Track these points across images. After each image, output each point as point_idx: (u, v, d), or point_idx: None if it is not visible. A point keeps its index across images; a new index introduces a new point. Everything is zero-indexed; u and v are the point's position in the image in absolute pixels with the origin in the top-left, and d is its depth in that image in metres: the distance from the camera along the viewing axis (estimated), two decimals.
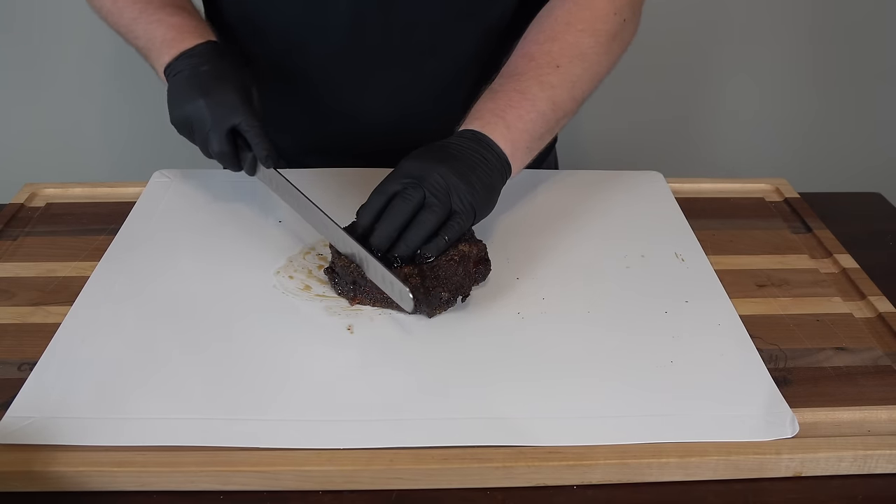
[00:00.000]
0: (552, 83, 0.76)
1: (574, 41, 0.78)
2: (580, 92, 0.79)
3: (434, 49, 0.87)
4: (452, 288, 0.68)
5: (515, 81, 0.77)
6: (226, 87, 0.75)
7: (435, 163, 0.69)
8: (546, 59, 0.77)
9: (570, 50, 0.78)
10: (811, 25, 1.69)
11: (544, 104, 0.76)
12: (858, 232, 0.85)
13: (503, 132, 0.73)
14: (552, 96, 0.76)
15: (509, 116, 0.74)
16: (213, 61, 0.77)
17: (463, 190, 0.69)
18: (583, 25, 0.79)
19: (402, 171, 0.70)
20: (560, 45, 0.78)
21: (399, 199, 0.69)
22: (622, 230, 0.82)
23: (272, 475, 0.55)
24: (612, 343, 0.66)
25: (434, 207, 0.68)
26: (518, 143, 0.74)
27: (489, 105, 0.75)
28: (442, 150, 0.72)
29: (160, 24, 0.79)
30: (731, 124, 1.79)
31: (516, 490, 0.56)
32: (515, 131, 0.74)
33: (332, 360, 0.64)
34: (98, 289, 0.72)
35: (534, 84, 0.76)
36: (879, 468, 0.58)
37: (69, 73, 1.64)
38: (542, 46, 0.78)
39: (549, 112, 0.76)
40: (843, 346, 0.68)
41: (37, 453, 0.55)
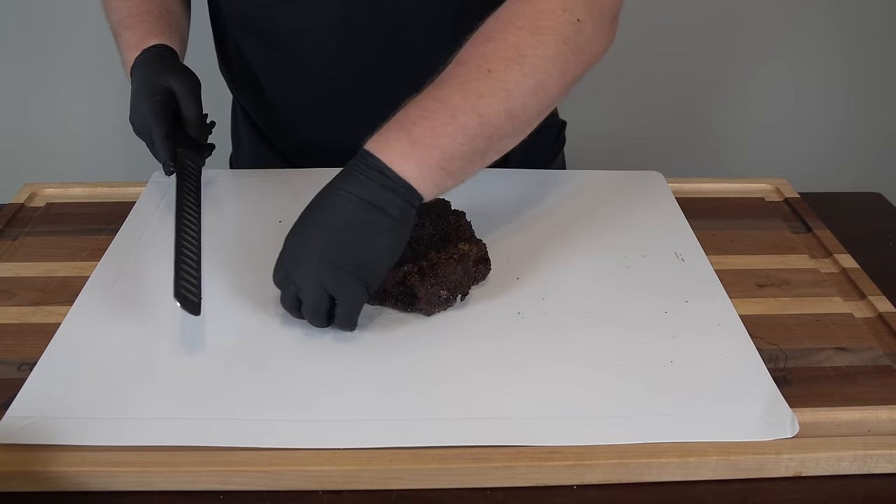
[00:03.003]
0: (479, 91, 0.64)
1: (513, 41, 0.65)
2: (519, 105, 0.65)
3: (422, 49, 0.87)
4: (451, 287, 0.68)
5: (437, 89, 0.65)
6: (136, 104, 0.80)
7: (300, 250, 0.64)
8: (477, 63, 0.65)
9: (507, 51, 0.65)
10: (811, 26, 1.69)
11: (466, 116, 0.63)
12: (858, 232, 0.85)
13: (405, 150, 0.63)
14: (477, 107, 0.64)
15: (417, 130, 0.63)
16: (137, 77, 0.82)
17: (337, 273, 0.62)
18: (523, 22, 0.66)
19: (279, 264, 0.66)
20: (495, 45, 0.66)
21: (283, 300, 0.66)
22: (622, 230, 0.82)
23: (272, 475, 0.55)
24: (613, 343, 0.66)
25: (309, 309, 0.64)
26: (427, 162, 0.63)
27: (400, 116, 0.65)
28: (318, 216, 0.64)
29: (120, 41, 0.86)
30: (732, 124, 1.80)
31: (516, 490, 0.56)
32: (423, 148, 0.62)
33: (332, 359, 0.64)
34: (98, 289, 0.72)
35: (456, 92, 0.64)
36: (879, 468, 0.58)
37: (69, 73, 1.64)
38: (476, 49, 0.66)
39: (472, 126, 0.63)
40: (843, 346, 0.68)
41: (37, 453, 0.55)
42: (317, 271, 0.62)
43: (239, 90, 0.98)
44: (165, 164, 0.79)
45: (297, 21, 0.85)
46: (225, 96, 1.02)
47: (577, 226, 0.82)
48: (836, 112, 1.80)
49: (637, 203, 0.87)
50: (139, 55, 0.82)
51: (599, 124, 1.64)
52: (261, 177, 0.93)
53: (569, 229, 0.82)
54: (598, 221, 0.83)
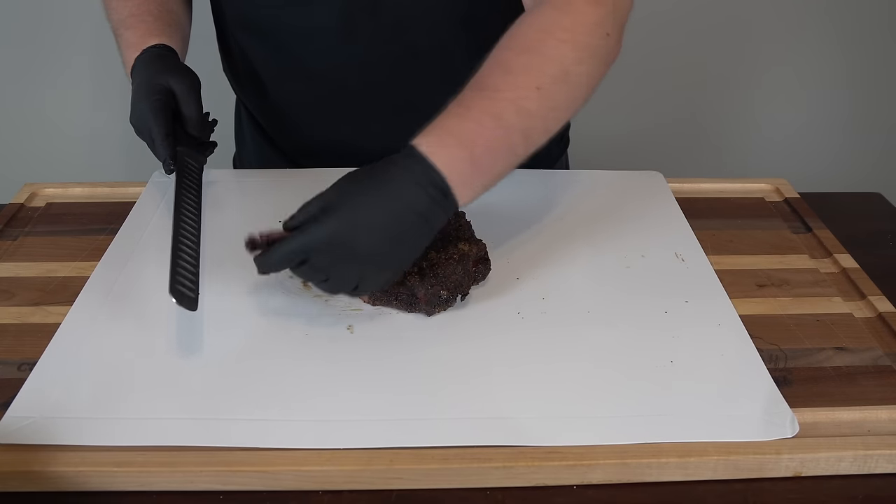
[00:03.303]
0: (530, 111, 0.65)
1: (555, 54, 0.66)
2: (555, 123, 0.67)
3: (425, 51, 0.87)
4: (451, 287, 0.68)
5: (489, 101, 0.64)
6: (136, 104, 0.80)
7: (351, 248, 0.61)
8: (525, 77, 0.65)
9: (552, 67, 0.66)
10: (811, 27, 1.69)
11: (517, 136, 0.65)
12: (858, 232, 0.85)
13: (465, 173, 0.62)
14: (527, 127, 0.65)
15: (478, 151, 0.63)
16: (137, 77, 0.81)
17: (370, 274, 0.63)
18: (565, 35, 0.67)
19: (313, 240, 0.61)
20: (541, 60, 0.66)
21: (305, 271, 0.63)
22: (622, 230, 0.82)
23: (272, 475, 0.55)
24: (612, 343, 0.66)
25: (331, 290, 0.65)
26: (477, 179, 0.64)
27: (455, 126, 0.64)
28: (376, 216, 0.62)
29: (120, 43, 0.86)
30: (732, 124, 1.80)
31: (516, 490, 0.56)
32: (479, 174, 0.64)
33: (332, 359, 0.64)
34: (98, 289, 0.72)
35: (511, 110, 0.64)
36: (879, 468, 0.58)
37: (69, 73, 1.64)
38: (518, 57, 0.66)
39: (519, 145, 0.65)
40: (843, 346, 0.68)
41: (36, 453, 0.55)
42: (351, 263, 0.62)
43: (243, 90, 0.98)
44: (165, 163, 0.79)
45: (300, 22, 0.85)
46: (228, 96, 1.03)
47: (577, 226, 0.82)
48: (837, 112, 1.80)
49: (637, 203, 0.87)
50: (139, 55, 0.82)
51: (599, 124, 1.64)
52: (263, 177, 0.93)
53: (569, 229, 0.81)
54: (598, 221, 0.83)
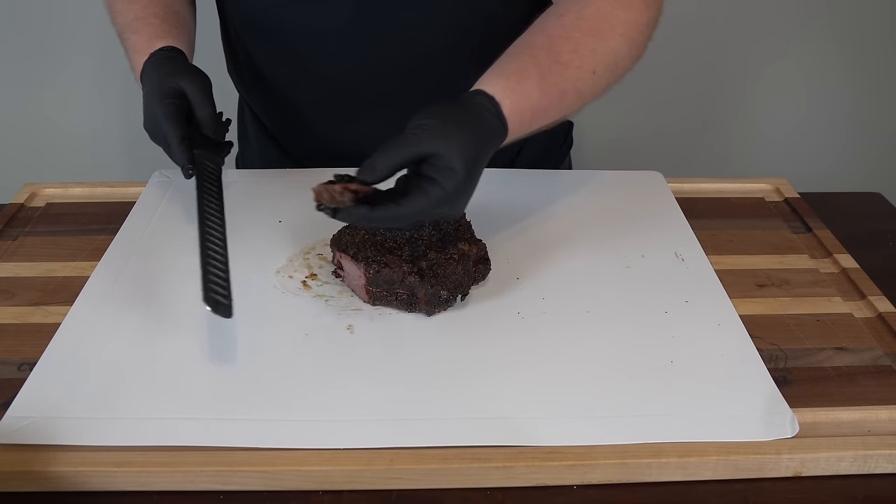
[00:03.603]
0: (583, 92, 0.72)
1: (614, 46, 0.73)
2: (588, 102, 0.75)
3: (434, 56, 0.87)
4: (451, 287, 0.68)
5: (559, 76, 0.70)
6: (150, 108, 0.78)
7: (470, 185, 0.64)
8: (588, 61, 0.72)
9: (609, 57, 0.73)
10: (811, 26, 1.69)
11: (564, 110, 0.72)
12: (858, 232, 0.85)
13: (519, 128, 0.68)
14: (569, 107, 0.73)
15: (535, 118, 0.69)
16: (148, 82, 0.80)
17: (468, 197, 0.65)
18: (623, 29, 0.74)
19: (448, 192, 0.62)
20: (603, 47, 0.73)
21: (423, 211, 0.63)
22: (622, 230, 0.82)
23: (272, 475, 0.55)
24: (612, 343, 0.66)
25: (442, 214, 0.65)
26: (518, 135, 0.69)
27: (528, 89, 0.68)
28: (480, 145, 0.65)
29: (128, 45, 0.85)
30: (732, 124, 1.79)
31: (516, 490, 0.56)
32: (528, 130, 0.70)
33: (332, 359, 0.64)
34: (98, 289, 0.72)
35: (571, 91, 0.71)
36: (879, 468, 0.58)
37: (69, 73, 1.64)
38: (586, 39, 0.72)
39: (559, 115, 0.73)
40: (843, 346, 0.68)
41: (37, 453, 0.55)
42: (463, 202, 0.64)
43: (247, 91, 0.98)
44: (184, 168, 0.77)
45: (306, 23, 0.85)
46: (232, 96, 1.02)
47: (577, 226, 0.82)
48: (837, 112, 1.79)
49: (637, 203, 0.87)
50: (148, 59, 0.81)
51: (602, 126, 1.64)
52: (267, 177, 0.93)
53: (569, 229, 0.81)
54: (598, 221, 0.83)
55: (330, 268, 0.74)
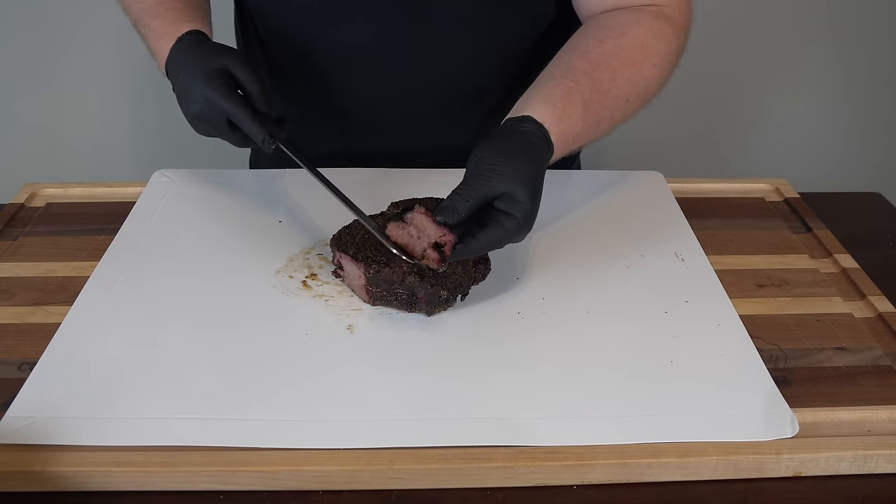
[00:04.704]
0: (615, 118, 0.75)
1: (647, 76, 0.76)
2: (619, 124, 0.77)
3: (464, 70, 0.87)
4: (451, 287, 0.68)
5: (598, 105, 0.73)
6: (204, 91, 0.74)
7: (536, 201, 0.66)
8: (623, 90, 0.75)
9: (640, 86, 0.76)
10: (811, 27, 1.69)
11: (592, 136, 0.74)
12: (858, 232, 0.85)
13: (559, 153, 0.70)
14: (602, 132, 0.75)
15: (573, 143, 0.72)
16: (185, 64, 0.76)
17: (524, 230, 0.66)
18: (657, 60, 0.77)
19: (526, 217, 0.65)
20: (638, 77, 0.76)
21: (503, 237, 0.65)
22: (622, 230, 0.82)
23: (272, 475, 0.55)
24: (612, 343, 0.66)
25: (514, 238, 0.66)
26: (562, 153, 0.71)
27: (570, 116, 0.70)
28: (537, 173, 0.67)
29: (149, 31, 0.82)
30: (732, 125, 1.79)
31: (516, 490, 0.56)
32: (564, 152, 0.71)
33: (332, 359, 0.64)
34: (98, 289, 0.72)
35: (606, 118, 0.74)
36: (879, 468, 0.58)
37: (69, 74, 1.64)
38: (623, 68, 0.75)
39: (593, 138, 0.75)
40: (843, 346, 0.68)
41: (37, 453, 0.55)
42: (530, 228, 0.66)
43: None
44: (265, 141, 0.74)
45: (335, 42, 0.85)
46: None
47: (577, 225, 0.82)
48: (837, 112, 1.79)
49: (637, 203, 0.87)
50: (176, 44, 0.78)
51: None
52: (267, 177, 0.93)
53: (569, 229, 0.81)
54: (598, 221, 0.83)
55: (330, 268, 0.74)
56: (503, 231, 0.65)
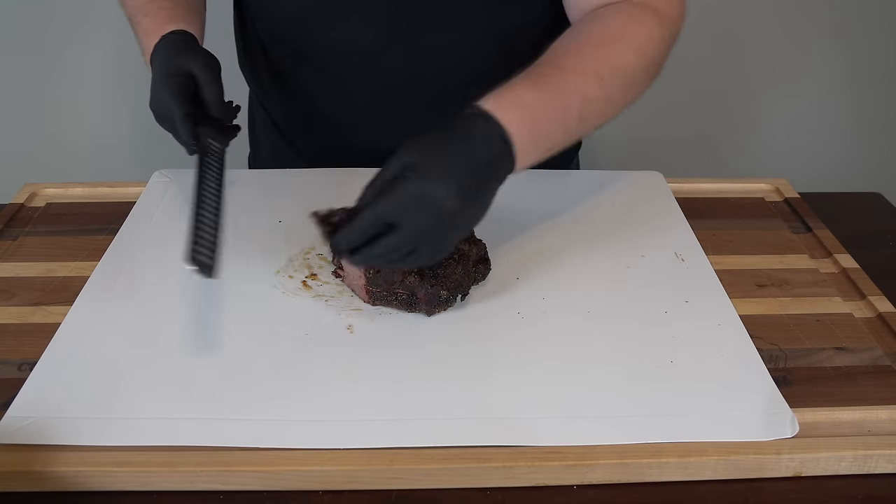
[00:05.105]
0: (590, 98, 0.70)
1: (622, 56, 0.73)
2: (609, 114, 0.73)
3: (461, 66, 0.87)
4: (451, 287, 0.68)
5: (561, 81, 0.69)
6: (156, 88, 0.79)
7: (440, 203, 0.60)
8: (593, 66, 0.71)
9: (614, 63, 0.72)
10: (811, 27, 1.69)
11: (575, 120, 0.69)
12: (858, 232, 0.85)
13: (528, 143, 0.65)
14: (584, 112, 0.70)
15: (542, 129, 0.67)
16: (159, 63, 0.80)
17: (459, 233, 0.64)
18: (635, 43, 0.74)
19: (400, 201, 0.60)
20: (610, 55, 0.72)
21: (388, 244, 0.61)
22: (622, 230, 0.82)
23: (272, 475, 0.55)
24: (612, 343, 0.66)
25: (421, 258, 0.63)
26: (534, 156, 0.67)
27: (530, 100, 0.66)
28: (457, 165, 0.62)
29: (139, 29, 0.85)
30: (732, 124, 1.79)
31: (516, 490, 0.56)
32: (539, 146, 0.67)
33: (332, 359, 0.64)
34: (98, 289, 0.72)
35: (577, 97, 0.69)
36: (879, 468, 0.58)
37: (69, 74, 1.64)
38: (593, 48, 0.72)
39: (574, 128, 0.70)
40: (843, 346, 0.68)
41: (37, 453, 0.55)
42: (459, 230, 0.63)
43: (265, 94, 0.98)
44: (187, 144, 0.76)
45: (333, 39, 0.85)
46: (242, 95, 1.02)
47: (576, 225, 0.82)
48: (837, 112, 1.79)
49: (637, 203, 0.87)
50: (158, 42, 0.81)
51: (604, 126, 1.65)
52: (267, 176, 0.93)
53: (569, 229, 0.81)
54: (598, 221, 0.83)
55: (330, 268, 0.74)
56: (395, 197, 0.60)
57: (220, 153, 0.79)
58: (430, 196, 0.60)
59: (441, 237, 0.62)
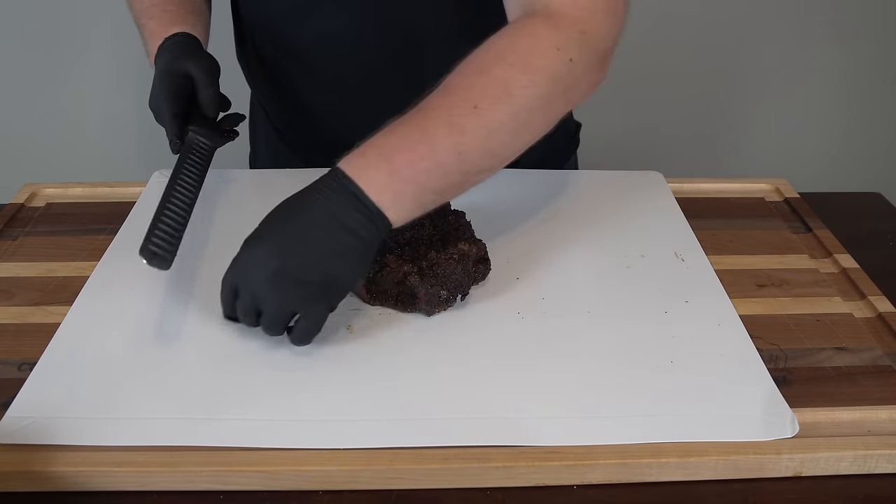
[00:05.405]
0: (463, 127, 0.63)
1: (502, 77, 0.64)
2: (499, 145, 0.64)
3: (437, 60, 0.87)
4: (451, 287, 0.68)
5: (422, 117, 0.64)
6: (155, 85, 0.80)
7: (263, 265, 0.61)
8: (464, 96, 0.64)
9: (495, 89, 0.64)
10: (811, 26, 1.69)
11: (445, 153, 0.62)
12: (858, 232, 0.85)
13: (383, 180, 0.61)
14: (459, 144, 0.62)
15: (397, 161, 0.62)
16: (160, 64, 0.81)
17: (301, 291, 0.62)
18: (515, 59, 0.64)
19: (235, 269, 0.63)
20: (485, 81, 0.64)
21: (238, 309, 0.64)
22: (622, 230, 0.82)
23: (272, 475, 0.55)
24: (612, 343, 0.66)
25: (270, 326, 0.63)
26: (403, 195, 0.62)
27: (381, 141, 0.63)
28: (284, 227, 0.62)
29: (144, 31, 0.86)
30: (732, 124, 1.79)
31: (516, 490, 0.56)
32: (400, 181, 0.62)
33: (332, 359, 0.64)
34: (98, 289, 0.72)
35: (441, 126, 0.63)
36: (879, 468, 0.58)
37: (70, 73, 1.64)
38: (465, 79, 0.65)
39: (450, 163, 0.63)
40: (843, 346, 0.68)
41: (37, 453, 0.55)
42: (283, 286, 0.61)
43: (257, 87, 1.00)
44: (171, 142, 0.78)
45: (312, 29, 0.85)
46: (243, 99, 1.02)
47: (577, 226, 0.82)
48: (837, 112, 1.79)
49: (637, 203, 0.87)
50: (162, 43, 0.83)
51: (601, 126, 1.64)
52: (267, 176, 0.93)
53: (569, 229, 0.81)
54: (598, 221, 0.83)
55: None
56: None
57: (207, 152, 0.80)
58: (251, 256, 0.62)
59: (276, 295, 0.61)
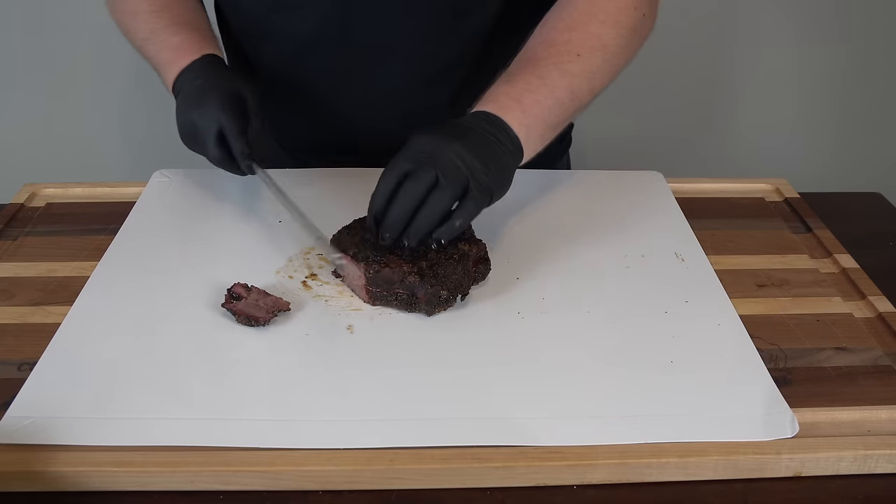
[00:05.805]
0: (572, 71, 0.75)
1: (596, 32, 0.77)
2: (598, 83, 0.77)
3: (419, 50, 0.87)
4: (451, 287, 0.68)
5: (534, 66, 0.75)
6: (210, 96, 0.76)
7: (448, 139, 0.67)
8: (566, 48, 0.76)
9: (592, 40, 0.77)
10: (811, 26, 1.69)
11: (563, 92, 0.74)
12: (858, 232, 0.85)
13: (518, 116, 0.71)
14: (571, 84, 0.74)
15: (526, 101, 0.72)
16: (205, 75, 0.79)
17: (479, 169, 0.67)
18: (604, 17, 0.78)
19: (412, 149, 0.68)
20: (581, 35, 0.77)
21: (410, 181, 0.66)
22: (622, 230, 0.82)
23: (272, 475, 0.55)
24: (612, 343, 0.66)
25: (447, 188, 0.65)
26: (532, 129, 0.72)
27: (505, 88, 0.73)
28: (455, 127, 0.70)
29: (163, 46, 0.83)
30: (732, 124, 1.79)
31: (516, 490, 0.56)
32: (531, 116, 0.72)
33: (332, 359, 0.64)
34: (98, 289, 0.72)
35: (553, 70, 0.74)
36: (879, 468, 0.58)
37: (70, 74, 1.64)
38: (562, 34, 0.77)
39: (566, 100, 0.74)
40: (843, 346, 0.68)
41: (37, 453, 0.55)
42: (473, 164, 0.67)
43: None
44: (241, 156, 0.75)
45: (292, 27, 0.85)
46: None
47: (577, 226, 0.82)
48: (837, 112, 1.79)
49: (637, 203, 0.87)
50: (196, 60, 0.79)
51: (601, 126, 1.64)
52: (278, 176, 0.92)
53: (569, 229, 0.81)
54: (598, 221, 0.83)
55: (330, 268, 0.74)
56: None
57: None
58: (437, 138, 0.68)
59: (452, 158, 0.66)
